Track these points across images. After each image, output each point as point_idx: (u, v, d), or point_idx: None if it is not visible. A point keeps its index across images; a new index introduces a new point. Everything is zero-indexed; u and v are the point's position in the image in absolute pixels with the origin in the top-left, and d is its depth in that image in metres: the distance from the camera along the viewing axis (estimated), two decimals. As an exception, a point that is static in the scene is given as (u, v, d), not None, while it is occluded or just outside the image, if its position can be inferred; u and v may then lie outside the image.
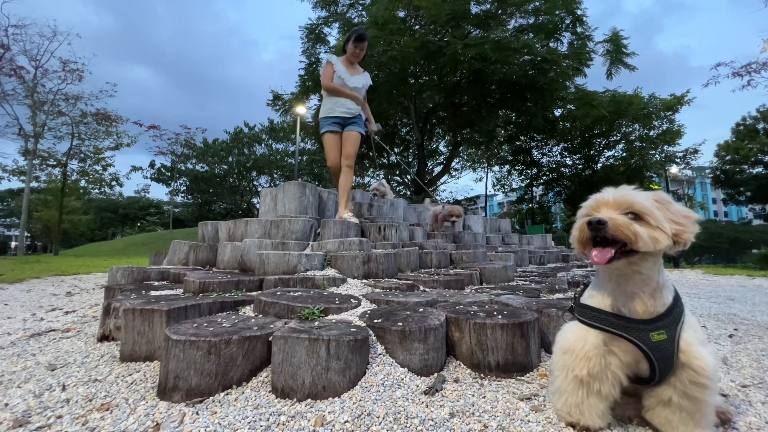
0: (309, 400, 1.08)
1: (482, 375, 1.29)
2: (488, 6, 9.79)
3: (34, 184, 17.80)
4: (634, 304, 0.91)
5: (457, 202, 22.66)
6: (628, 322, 0.91)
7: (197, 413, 1.01)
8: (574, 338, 0.96)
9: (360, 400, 1.07)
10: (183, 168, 24.86)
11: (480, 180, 22.49)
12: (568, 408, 0.95)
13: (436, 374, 1.26)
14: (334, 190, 3.75)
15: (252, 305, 1.73)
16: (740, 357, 1.64)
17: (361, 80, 3.50)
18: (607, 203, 0.89)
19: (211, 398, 1.10)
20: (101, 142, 17.31)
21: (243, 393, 1.12)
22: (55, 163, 16.86)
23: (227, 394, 1.11)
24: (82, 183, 19.16)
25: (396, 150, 15.48)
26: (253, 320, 1.40)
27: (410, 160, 16.25)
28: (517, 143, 16.38)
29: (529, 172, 18.22)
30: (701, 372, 0.86)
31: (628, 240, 0.84)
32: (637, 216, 0.86)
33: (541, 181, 18.20)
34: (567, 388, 0.95)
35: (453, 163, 17.63)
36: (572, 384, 0.94)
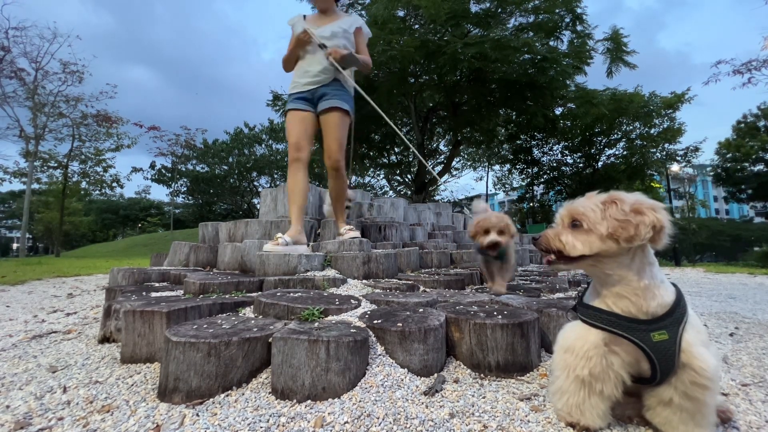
0: (309, 401, 1.08)
1: (482, 375, 1.29)
2: (488, 5, 9.76)
3: (35, 185, 17.89)
4: (625, 305, 0.91)
5: (458, 201, 22.66)
6: (629, 321, 0.90)
7: (197, 415, 1.01)
8: (574, 337, 0.96)
9: (360, 401, 1.07)
10: (183, 169, 24.88)
11: (481, 179, 22.47)
12: (569, 408, 0.95)
13: (436, 375, 1.26)
14: None
15: (252, 306, 1.73)
16: (741, 355, 1.64)
17: (333, 27, 2.52)
18: (562, 216, 0.97)
19: (211, 400, 1.10)
20: (102, 143, 17.43)
21: (243, 394, 1.12)
22: (56, 164, 16.95)
23: (227, 396, 1.11)
24: (83, 184, 19.27)
25: (396, 150, 15.46)
26: (252, 321, 1.40)
27: (410, 159, 16.25)
28: (518, 142, 16.34)
29: (529, 170, 18.20)
30: (702, 373, 0.86)
31: (560, 249, 0.93)
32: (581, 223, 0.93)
33: (542, 179, 18.19)
34: (568, 388, 0.95)
35: (453, 163, 17.61)
36: (573, 384, 0.94)
